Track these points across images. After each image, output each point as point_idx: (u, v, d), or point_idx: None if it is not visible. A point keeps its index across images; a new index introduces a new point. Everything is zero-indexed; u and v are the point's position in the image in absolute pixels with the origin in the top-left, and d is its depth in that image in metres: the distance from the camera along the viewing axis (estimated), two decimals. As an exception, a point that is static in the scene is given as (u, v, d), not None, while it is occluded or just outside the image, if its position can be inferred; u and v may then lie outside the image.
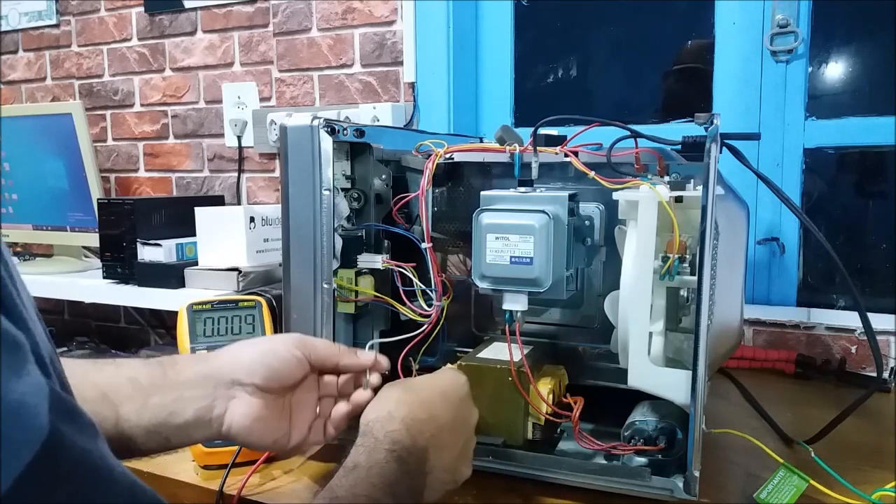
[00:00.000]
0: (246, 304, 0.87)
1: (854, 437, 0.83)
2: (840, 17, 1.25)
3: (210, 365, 0.61)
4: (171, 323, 1.48)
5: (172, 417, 0.58)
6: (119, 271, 1.45)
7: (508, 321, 0.74)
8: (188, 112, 1.80)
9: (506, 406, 0.75)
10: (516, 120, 1.51)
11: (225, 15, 1.70)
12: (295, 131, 0.75)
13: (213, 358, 0.62)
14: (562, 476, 0.70)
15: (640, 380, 0.68)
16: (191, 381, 0.59)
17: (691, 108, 0.74)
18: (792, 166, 1.24)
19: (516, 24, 1.49)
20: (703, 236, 0.62)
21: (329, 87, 1.57)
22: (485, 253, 0.73)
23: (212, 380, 0.60)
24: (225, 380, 0.60)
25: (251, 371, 0.60)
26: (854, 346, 1.14)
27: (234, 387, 0.60)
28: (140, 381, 0.58)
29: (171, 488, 0.78)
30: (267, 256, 1.34)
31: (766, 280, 1.27)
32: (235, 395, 0.60)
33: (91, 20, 1.91)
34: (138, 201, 1.49)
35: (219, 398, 0.59)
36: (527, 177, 0.76)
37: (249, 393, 0.60)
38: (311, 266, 0.75)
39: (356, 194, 0.83)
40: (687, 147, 0.70)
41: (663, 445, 0.70)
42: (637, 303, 0.67)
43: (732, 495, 0.71)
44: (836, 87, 1.26)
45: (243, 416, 0.60)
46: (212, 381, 0.60)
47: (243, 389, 0.60)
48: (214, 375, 0.60)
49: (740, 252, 0.85)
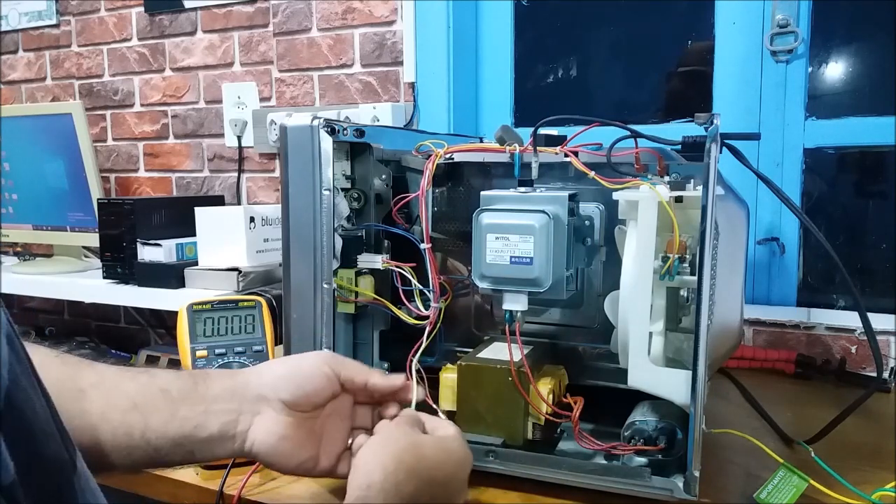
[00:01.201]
0: (246, 304, 0.87)
1: (854, 437, 0.83)
2: (840, 17, 1.25)
3: (238, 380, 0.60)
4: (171, 323, 1.48)
5: (198, 431, 0.57)
6: (119, 271, 1.45)
7: (508, 321, 0.74)
8: (188, 112, 1.80)
9: (506, 406, 0.75)
10: (516, 120, 1.51)
11: (225, 15, 1.70)
12: (295, 131, 0.75)
13: (242, 374, 0.62)
14: (562, 476, 0.70)
15: (640, 380, 0.68)
16: (219, 395, 0.58)
17: (692, 109, 0.74)
18: (792, 166, 1.24)
19: (516, 24, 1.49)
20: (703, 236, 0.62)
21: (329, 87, 1.57)
22: (485, 253, 0.73)
23: (238, 395, 0.59)
24: (251, 395, 0.59)
25: (277, 387, 0.59)
26: (854, 346, 1.14)
27: (260, 402, 0.59)
28: (171, 393, 0.57)
29: (171, 488, 0.78)
30: (267, 256, 1.34)
31: (766, 280, 1.27)
32: (261, 412, 0.59)
33: (91, 20, 1.91)
34: (138, 201, 1.49)
35: (244, 413, 0.58)
36: (527, 177, 0.76)
37: (276, 410, 0.59)
38: (311, 266, 0.75)
39: (356, 194, 0.83)
40: (687, 147, 0.70)
41: (663, 445, 0.70)
42: (637, 303, 0.67)
43: (732, 495, 0.71)
44: (836, 87, 1.26)
45: (267, 434, 0.58)
46: (238, 396, 0.59)
47: (269, 406, 0.59)
48: (241, 390, 0.59)
49: (740, 252, 0.85)
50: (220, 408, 0.58)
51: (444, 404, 0.78)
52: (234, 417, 0.58)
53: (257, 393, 0.59)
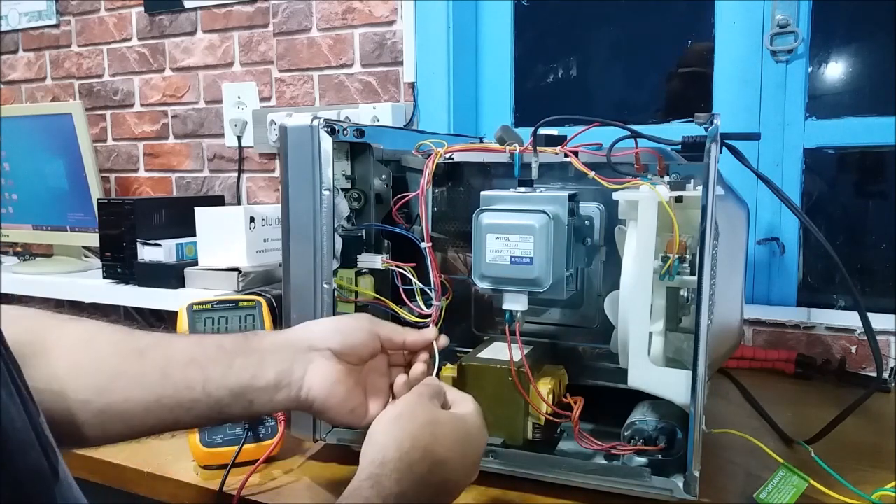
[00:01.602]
0: (246, 304, 0.86)
1: (854, 437, 0.83)
2: (840, 17, 1.25)
3: (287, 334, 0.64)
4: (171, 323, 1.47)
5: (255, 380, 0.59)
6: (119, 271, 1.45)
7: (508, 321, 0.74)
8: (188, 112, 1.80)
9: (506, 406, 0.75)
10: (516, 120, 1.51)
11: (225, 15, 1.70)
12: (295, 131, 0.75)
13: (289, 330, 0.65)
14: (562, 476, 0.70)
15: (640, 380, 0.68)
16: (270, 347, 0.61)
17: (692, 109, 0.74)
18: (792, 166, 1.24)
19: (516, 24, 1.49)
20: (703, 236, 0.62)
21: (329, 87, 1.57)
22: (485, 253, 0.73)
23: (290, 347, 0.62)
24: (302, 346, 0.62)
25: (325, 338, 0.62)
26: (854, 346, 1.14)
27: (311, 352, 0.62)
28: (225, 347, 0.59)
29: (171, 488, 0.78)
30: (267, 256, 1.34)
31: (766, 280, 1.27)
32: (313, 360, 0.61)
33: (91, 20, 1.91)
34: (138, 201, 1.49)
35: (298, 362, 0.61)
36: (527, 177, 0.76)
37: (326, 358, 0.61)
38: (311, 266, 0.75)
39: (356, 194, 0.83)
40: (687, 147, 0.70)
41: (663, 445, 0.70)
42: (637, 303, 0.67)
43: (732, 495, 0.71)
44: (836, 87, 1.26)
45: (323, 378, 0.61)
46: (290, 347, 0.61)
47: (320, 354, 0.62)
48: (293, 343, 0.62)
49: (740, 252, 0.85)
50: (275, 358, 0.60)
51: (444, 404, 0.78)
52: (288, 366, 0.60)
53: (308, 344, 0.62)
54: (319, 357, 0.61)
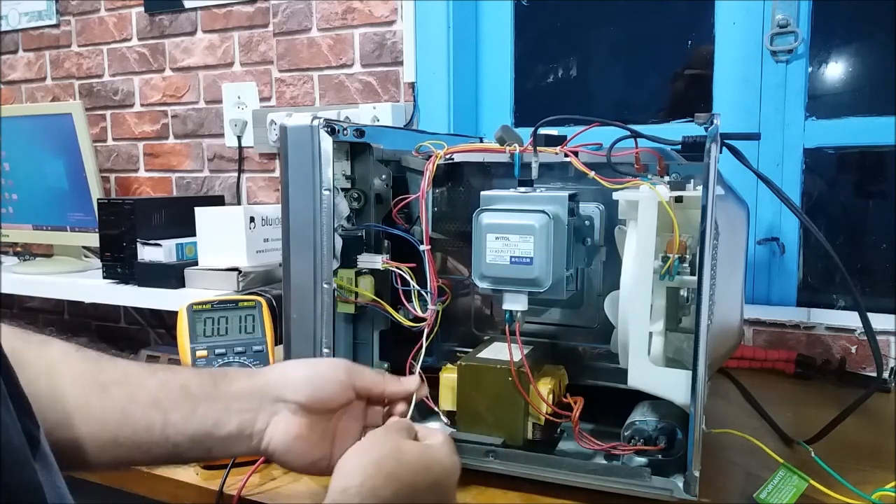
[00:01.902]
0: (246, 304, 0.86)
1: (854, 437, 0.83)
2: (840, 17, 1.25)
3: (257, 380, 0.62)
4: (171, 323, 1.48)
5: (217, 429, 0.58)
6: (119, 271, 1.45)
7: (508, 321, 0.74)
8: (188, 112, 1.80)
9: (506, 406, 0.75)
10: (516, 120, 1.51)
11: (225, 15, 1.70)
12: (295, 131, 0.75)
13: (262, 374, 0.63)
14: (562, 476, 0.70)
15: (640, 380, 0.68)
16: (238, 394, 0.60)
17: (692, 109, 0.74)
18: (792, 166, 1.24)
19: (516, 24, 1.49)
20: (703, 236, 0.62)
21: (329, 87, 1.58)
22: (485, 253, 0.73)
23: (258, 395, 0.60)
24: (271, 395, 0.60)
25: (296, 389, 0.61)
26: (854, 346, 1.14)
27: (278, 403, 0.60)
28: (191, 390, 0.58)
29: (171, 488, 0.78)
30: (267, 256, 1.34)
31: (766, 280, 1.27)
32: (278, 412, 0.60)
33: (91, 20, 1.91)
34: (138, 201, 1.49)
35: (262, 413, 0.60)
36: (527, 177, 0.76)
37: (292, 411, 0.60)
38: (311, 266, 0.75)
39: (356, 194, 0.83)
40: (687, 147, 0.70)
41: (663, 445, 0.70)
42: (637, 303, 0.67)
43: (732, 495, 0.71)
44: (836, 87, 1.26)
45: (284, 434, 0.60)
46: (258, 395, 0.60)
47: (286, 407, 0.60)
48: (261, 390, 0.61)
49: (740, 252, 0.85)
50: (239, 406, 0.59)
51: (444, 404, 0.78)
52: (252, 416, 0.59)
53: (276, 394, 0.61)
54: (285, 409, 0.60)
